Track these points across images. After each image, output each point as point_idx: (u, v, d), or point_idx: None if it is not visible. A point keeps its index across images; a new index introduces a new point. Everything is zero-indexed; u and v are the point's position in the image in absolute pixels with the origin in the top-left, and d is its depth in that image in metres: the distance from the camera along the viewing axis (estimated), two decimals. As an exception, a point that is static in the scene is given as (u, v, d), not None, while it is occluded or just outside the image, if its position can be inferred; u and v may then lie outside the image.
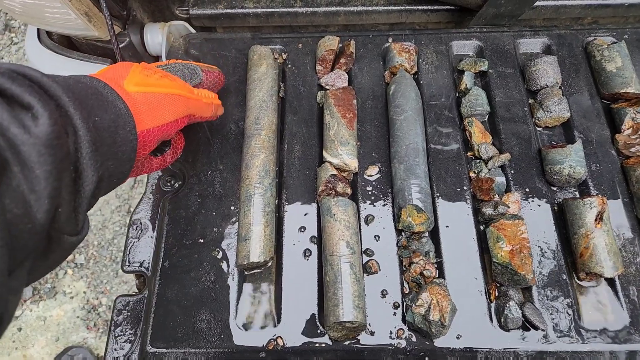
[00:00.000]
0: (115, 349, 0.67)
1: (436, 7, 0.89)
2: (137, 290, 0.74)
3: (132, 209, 2.04)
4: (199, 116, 0.65)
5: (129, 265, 0.72)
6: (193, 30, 0.94)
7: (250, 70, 0.81)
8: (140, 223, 0.74)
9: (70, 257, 1.96)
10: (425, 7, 0.90)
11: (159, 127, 0.56)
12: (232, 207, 0.73)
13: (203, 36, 0.90)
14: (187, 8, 0.90)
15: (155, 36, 0.88)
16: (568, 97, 0.80)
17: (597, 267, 0.63)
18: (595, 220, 0.65)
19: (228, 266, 0.69)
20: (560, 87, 0.80)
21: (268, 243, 0.68)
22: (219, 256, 0.70)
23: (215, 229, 0.72)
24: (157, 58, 0.93)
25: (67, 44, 0.89)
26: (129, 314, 0.69)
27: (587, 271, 0.64)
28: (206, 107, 0.66)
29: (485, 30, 0.87)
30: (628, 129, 0.74)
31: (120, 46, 0.83)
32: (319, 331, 0.65)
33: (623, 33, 0.86)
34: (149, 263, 0.72)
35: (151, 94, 0.56)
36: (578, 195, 0.74)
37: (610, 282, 0.67)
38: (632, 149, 0.74)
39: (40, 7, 0.72)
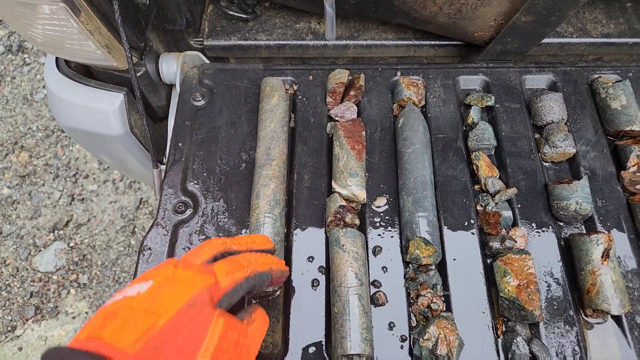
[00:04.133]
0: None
1: (444, 42, 0.92)
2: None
3: (137, 230, 2.05)
4: None
5: (138, 292, 0.72)
6: (207, 61, 0.97)
7: (263, 102, 0.83)
8: (150, 249, 0.75)
9: (73, 277, 1.96)
10: (433, 42, 0.92)
11: None
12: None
13: (216, 66, 0.92)
14: (201, 39, 0.93)
15: (170, 66, 0.91)
16: (574, 133, 0.81)
17: (604, 305, 0.63)
18: (602, 257, 0.65)
19: (236, 295, 0.70)
20: (566, 123, 0.82)
21: (276, 272, 0.69)
22: (228, 285, 0.70)
23: (224, 257, 0.73)
24: (170, 87, 0.95)
25: (85, 72, 0.92)
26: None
27: (594, 308, 0.65)
28: None
29: (491, 65, 0.90)
30: (633, 165, 0.75)
31: (137, 75, 0.86)
32: (326, 363, 0.65)
33: (627, 71, 0.88)
34: (158, 290, 0.72)
35: None
36: (584, 231, 0.74)
37: (617, 319, 0.67)
38: (638, 186, 0.75)
39: (61, 39, 0.75)
